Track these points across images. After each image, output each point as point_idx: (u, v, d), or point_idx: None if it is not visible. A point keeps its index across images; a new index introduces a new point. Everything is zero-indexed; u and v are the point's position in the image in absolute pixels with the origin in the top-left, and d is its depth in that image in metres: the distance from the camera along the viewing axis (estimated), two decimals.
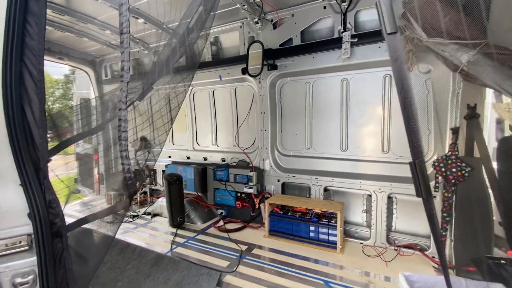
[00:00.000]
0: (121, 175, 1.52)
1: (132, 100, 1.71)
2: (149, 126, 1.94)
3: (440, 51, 2.15)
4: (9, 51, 1.05)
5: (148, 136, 2.11)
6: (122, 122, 1.47)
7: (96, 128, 1.81)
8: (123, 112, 1.46)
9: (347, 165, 3.18)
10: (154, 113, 1.91)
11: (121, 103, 1.46)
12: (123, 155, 1.47)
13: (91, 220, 1.40)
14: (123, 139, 1.46)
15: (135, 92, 1.74)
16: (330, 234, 2.90)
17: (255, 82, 3.55)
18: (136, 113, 1.86)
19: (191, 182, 4.01)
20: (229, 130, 4.08)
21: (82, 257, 1.28)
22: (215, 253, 2.82)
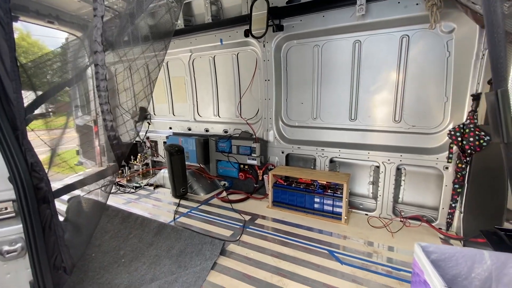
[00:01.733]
0: (105, 133, 1.38)
1: (110, 40, 1.51)
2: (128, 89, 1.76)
3: (470, 3, 1.89)
4: None
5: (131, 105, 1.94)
6: (99, 68, 1.29)
7: (72, 79, 1.61)
8: (100, 56, 1.28)
9: (356, 135, 3.04)
10: (135, 83, 1.72)
11: (96, 44, 1.27)
12: (103, 109, 1.32)
13: (79, 186, 1.29)
14: (102, 90, 1.30)
15: (112, 31, 1.54)
16: (335, 205, 2.84)
17: (258, 45, 3.29)
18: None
19: (193, 154, 3.92)
20: (231, 100, 3.89)
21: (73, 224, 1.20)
22: (218, 223, 2.79)
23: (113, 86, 2.90)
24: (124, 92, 1.84)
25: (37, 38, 9.08)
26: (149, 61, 1.63)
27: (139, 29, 1.89)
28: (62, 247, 1.10)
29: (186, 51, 3.93)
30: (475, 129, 2.27)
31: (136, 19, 1.76)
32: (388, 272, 1.96)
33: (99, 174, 1.39)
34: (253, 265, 2.07)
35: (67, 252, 1.12)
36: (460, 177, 2.42)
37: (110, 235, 2.42)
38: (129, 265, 2.04)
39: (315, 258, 2.15)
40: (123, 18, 1.67)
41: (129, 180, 4.28)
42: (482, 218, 2.30)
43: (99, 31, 1.24)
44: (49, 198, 1.05)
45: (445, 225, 2.58)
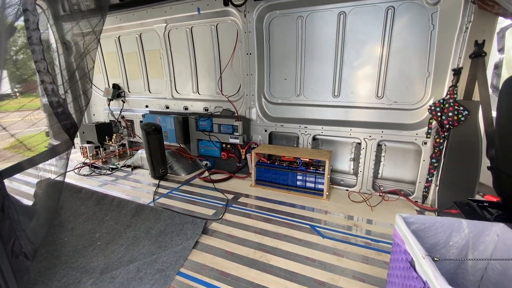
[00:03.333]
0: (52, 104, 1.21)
1: None
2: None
3: None
4: None
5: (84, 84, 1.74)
6: (29, 15, 1.09)
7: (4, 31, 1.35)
8: (31, 17, 1.08)
9: (339, 112, 3.01)
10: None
11: (28, 4, 1.06)
12: (40, 67, 1.14)
13: (29, 166, 1.14)
14: (35, 43, 1.11)
15: None
16: (317, 182, 2.86)
17: (239, 16, 3.08)
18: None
19: (172, 133, 3.75)
20: (211, 76, 3.70)
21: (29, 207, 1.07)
22: (200, 202, 2.73)
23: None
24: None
25: None
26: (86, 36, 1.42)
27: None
28: (19, 232, 0.98)
29: (161, 21, 3.62)
30: (455, 104, 2.30)
31: None
32: (367, 244, 2.02)
33: (50, 152, 1.23)
34: (236, 242, 2.05)
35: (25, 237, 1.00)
36: (437, 151, 2.49)
37: (84, 218, 2.28)
38: (105, 248, 1.95)
39: (298, 233, 2.16)
40: None
41: (104, 162, 4.07)
42: (456, 191, 2.40)
43: None
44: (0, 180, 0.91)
45: (421, 198, 2.68)
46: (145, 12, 3.57)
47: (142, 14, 3.62)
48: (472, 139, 2.28)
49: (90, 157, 4.12)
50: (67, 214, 2.31)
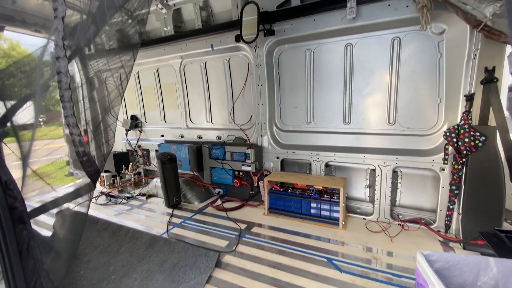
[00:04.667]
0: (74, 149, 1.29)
1: (79, 45, 1.41)
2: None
3: (460, 4, 1.89)
4: None
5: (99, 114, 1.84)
6: (62, 76, 1.19)
7: (40, 88, 1.48)
8: (62, 62, 1.19)
9: (350, 138, 3.00)
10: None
11: (59, 48, 1.18)
12: (69, 122, 1.23)
13: (53, 206, 1.20)
14: (66, 100, 1.21)
15: (78, 36, 1.44)
16: (332, 210, 2.79)
17: (250, 50, 3.26)
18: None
19: (186, 161, 3.83)
20: (224, 106, 3.84)
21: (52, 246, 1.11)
22: (213, 232, 2.71)
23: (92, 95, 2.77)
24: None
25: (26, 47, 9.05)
26: (116, 72, 1.54)
27: (106, 34, 1.80)
28: (41, 271, 1.01)
29: (177, 57, 3.87)
30: (470, 130, 2.26)
31: (103, 21, 1.68)
32: (389, 279, 1.91)
33: (74, 193, 1.30)
34: (250, 276, 1.99)
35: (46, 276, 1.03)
36: (456, 178, 2.40)
37: (99, 249, 2.31)
38: (119, 282, 1.94)
39: (314, 267, 2.08)
40: (88, 18, 1.57)
41: (120, 190, 4.16)
42: (481, 219, 2.27)
43: (61, 34, 1.16)
44: (25, 218, 0.97)
45: (444, 228, 2.54)
46: (162, 49, 3.84)
47: (160, 51, 3.90)
48: (493, 164, 2.20)
49: (107, 186, 4.23)
50: (84, 246, 2.35)
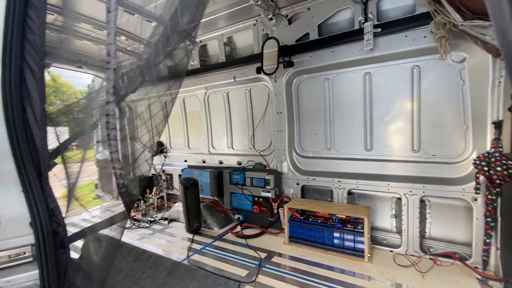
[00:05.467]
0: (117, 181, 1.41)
1: (126, 92, 1.58)
2: (146, 132, 1.82)
3: (479, 34, 1.91)
4: (8, 47, 0.98)
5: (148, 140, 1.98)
6: (110, 118, 1.34)
7: (90, 127, 1.65)
8: (111, 106, 1.34)
9: (373, 166, 2.95)
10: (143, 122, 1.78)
11: (109, 95, 1.34)
12: (113, 157, 1.36)
13: (90, 232, 1.29)
14: (112, 139, 1.34)
15: (126, 84, 1.62)
16: (357, 241, 2.67)
17: (270, 81, 3.41)
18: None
19: (207, 186, 3.91)
20: (244, 132, 3.96)
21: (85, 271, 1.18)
22: (233, 261, 2.68)
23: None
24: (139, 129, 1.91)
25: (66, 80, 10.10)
26: (164, 100, 1.69)
27: (157, 71, 2.00)
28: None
29: (202, 88, 4.13)
30: (501, 158, 2.15)
31: (154, 63, 1.87)
32: None
33: (109, 221, 1.39)
34: None
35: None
36: (491, 209, 2.24)
37: (123, 274, 2.36)
38: None
39: None
40: (140, 66, 1.78)
41: (144, 214, 4.28)
42: None
43: (111, 83, 1.33)
44: (66, 243, 1.06)
45: (481, 264, 2.34)
46: (189, 81, 4.13)
47: (186, 83, 4.19)
48: None
49: None
50: None
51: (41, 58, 1.04)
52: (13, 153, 1.00)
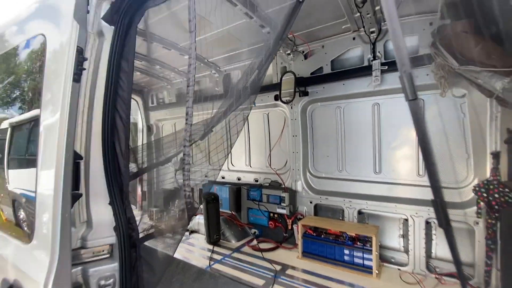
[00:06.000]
0: (183, 200, 1.78)
1: (194, 140, 1.99)
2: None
3: (473, 78, 2.20)
4: (107, 100, 1.39)
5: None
6: (186, 156, 1.75)
7: (165, 160, 2.11)
8: (187, 149, 1.74)
9: (381, 188, 3.19)
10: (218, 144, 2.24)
11: (186, 141, 1.74)
12: (185, 183, 1.74)
13: (157, 235, 1.65)
14: (186, 170, 1.73)
15: (196, 134, 2.05)
16: (365, 258, 2.88)
17: (287, 107, 3.78)
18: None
19: (226, 201, 4.23)
20: (262, 152, 4.30)
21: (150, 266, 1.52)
22: (250, 271, 2.95)
23: None
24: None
25: None
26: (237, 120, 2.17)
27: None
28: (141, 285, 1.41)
29: None
30: (499, 186, 2.36)
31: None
32: None
33: (171, 227, 1.74)
34: None
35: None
36: (491, 232, 2.43)
37: None
38: None
39: None
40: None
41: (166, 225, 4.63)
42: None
43: (188, 133, 1.74)
44: (137, 243, 1.41)
45: (483, 284, 2.49)
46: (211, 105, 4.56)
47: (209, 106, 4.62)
48: None
49: (155, 220, 4.75)
50: None
51: (128, 108, 1.44)
52: (105, 177, 1.39)
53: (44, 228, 1.20)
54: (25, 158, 1.88)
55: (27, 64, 1.65)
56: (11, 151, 2.21)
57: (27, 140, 2.04)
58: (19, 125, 2.02)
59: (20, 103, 1.90)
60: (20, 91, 1.86)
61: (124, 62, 1.43)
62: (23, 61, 1.65)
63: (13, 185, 2.16)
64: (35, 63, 1.56)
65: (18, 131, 2.16)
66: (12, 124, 2.16)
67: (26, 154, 1.95)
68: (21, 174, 2.06)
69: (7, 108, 2.25)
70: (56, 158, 1.17)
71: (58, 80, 1.22)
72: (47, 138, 1.28)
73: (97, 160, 1.39)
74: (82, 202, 1.37)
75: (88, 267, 1.37)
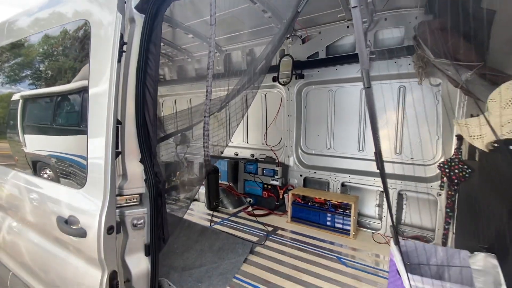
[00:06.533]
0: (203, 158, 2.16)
1: (213, 111, 2.33)
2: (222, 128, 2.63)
3: (444, 69, 2.56)
4: (139, 78, 1.70)
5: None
6: (205, 124, 2.11)
7: (187, 127, 2.51)
8: (207, 119, 2.09)
9: (363, 164, 3.62)
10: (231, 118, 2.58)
11: (206, 112, 2.09)
12: (205, 145, 2.11)
13: (178, 188, 2.03)
14: (206, 135, 2.09)
15: (215, 106, 2.38)
16: (345, 223, 3.37)
17: (283, 89, 4.09)
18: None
19: (224, 173, 4.64)
20: (258, 130, 4.66)
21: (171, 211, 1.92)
22: (246, 230, 3.41)
23: None
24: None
25: None
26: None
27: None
28: (165, 225, 1.80)
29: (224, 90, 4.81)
30: (459, 163, 2.80)
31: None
32: (386, 275, 2.46)
33: (190, 181, 2.13)
34: (276, 262, 2.65)
35: (166, 229, 1.82)
36: (450, 202, 2.91)
37: None
38: (182, 255, 2.71)
39: (325, 261, 2.69)
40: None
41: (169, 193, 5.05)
42: (471, 239, 2.74)
43: (208, 107, 2.07)
44: (162, 193, 1.78)
45: (441, 244, 3.01)
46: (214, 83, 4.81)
47: None
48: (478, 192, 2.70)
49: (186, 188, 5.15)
50: None
51: (155, 84, 1.75)
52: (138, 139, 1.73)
53: (96, 178, 1.57)
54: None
55: (69, 44, 1.91)
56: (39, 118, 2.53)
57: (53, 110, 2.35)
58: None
59: (55, 78, 2.18)
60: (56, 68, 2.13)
61: (152, 46, 1.71)
62: (64, 41, 1.91)
63: (33, 147, 2.52)
64: (76, 44, 1.84)
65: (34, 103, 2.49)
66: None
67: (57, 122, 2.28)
68: (48, 139, 2.40)
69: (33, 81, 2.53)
70: (106, 123, 1.50)
71: (105, 60, 1.52)
72: (94, 107, 1.61)
73: (131, 126, 1.72)
74: (120, 159, 1.72)
75: (124, 210, 1.74)
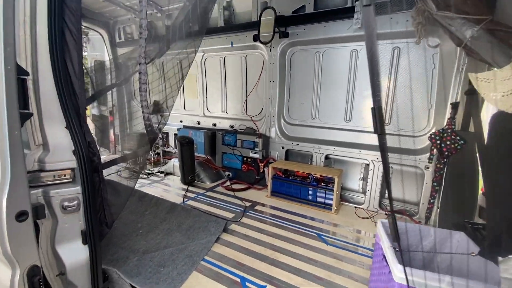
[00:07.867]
0: (143, 122, 1.74)
1: (151, 57, 1.86)
2: (162, 92, 2.12)
3: (447, 25, 2.18)
4: (52, 11, 1.22)
5: (160, 100, 2.29)
6: (142, 75, 1.65)
7: (121, 82, 1.98)
8: (143, 66, 1.64)
9: (349, 135, 3.35)
10: (167, 79, 2.07)
11: (141, 57, 1.63)
12: (143, 104, 1.68)
13: (120, 161, 1.65)
14: (143, 90, 1.66)
15: (152, 51, 1.90)
16: (327, 197, 3.17)
17: (265, 49, 3.61)
18: (149, 76, 2.01)
19: (201, 146, 4.27)
20: (238, 98, 4.23)
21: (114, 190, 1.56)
22: (222, 206, 3.15)
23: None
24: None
25: None
26: (183, 58, 1.99)
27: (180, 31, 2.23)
28: (106, 207, 1.45)
29: (199, 51, 4.26)
30: (452, 134, 2.57)
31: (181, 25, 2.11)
32: (367, 253, 2.29)
33: (134, 153, 1.74)
34: (251, 241, 2.42)
35: (108, 211, 1.47)
36: (438, 176, 2.72)
37: (128, 210, 2.79)
38: (146, 235, 2.41)
39: (305, 239, 2.49)
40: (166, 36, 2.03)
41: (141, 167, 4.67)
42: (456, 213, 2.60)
43: (143, 49, 1.60)
44: (99, 168, 1.40)
45: (424, 219, 2.88)
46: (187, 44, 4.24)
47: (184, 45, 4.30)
48: (469, 166, 2.50)
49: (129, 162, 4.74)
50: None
51: (78, 21, 1.28)
52: (59, 98, 1.30)
53: None
54: None
55: None
56: None
57: None
58: None
59: None
60: None
61: None
62: None
63: None
64: None
65: None
66: None
67: None
68: None
69: None
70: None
71: None
72: None
73: (47, 79, 1.28)
74: (35, 124, 1.29)
75: (49, 189, 1.36)
